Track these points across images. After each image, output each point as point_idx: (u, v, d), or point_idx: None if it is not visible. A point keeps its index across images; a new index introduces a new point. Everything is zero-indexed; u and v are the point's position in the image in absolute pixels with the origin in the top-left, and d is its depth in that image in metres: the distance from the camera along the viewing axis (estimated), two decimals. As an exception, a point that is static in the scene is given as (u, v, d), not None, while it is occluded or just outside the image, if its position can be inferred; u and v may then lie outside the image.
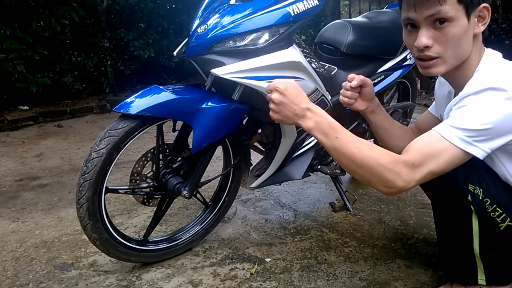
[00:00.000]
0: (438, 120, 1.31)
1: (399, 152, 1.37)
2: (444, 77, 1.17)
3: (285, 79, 1.09)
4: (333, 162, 1.84)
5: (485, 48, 1.07)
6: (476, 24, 0.99)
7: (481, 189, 1.06)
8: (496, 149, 0.97)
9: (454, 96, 1.15)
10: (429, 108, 1.38)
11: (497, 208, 1.05)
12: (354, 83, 1.25)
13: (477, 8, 0.97)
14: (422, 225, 1.75)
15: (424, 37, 0.99)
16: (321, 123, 1.02)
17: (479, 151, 0.94)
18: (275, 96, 1.05)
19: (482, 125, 0.92)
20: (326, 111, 1.59)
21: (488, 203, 1.05)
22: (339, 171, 1.82)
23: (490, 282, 1.16)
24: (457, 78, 1.08)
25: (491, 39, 4.12)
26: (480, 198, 1.05)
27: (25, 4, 3.85)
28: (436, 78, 1.30)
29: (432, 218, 1.77)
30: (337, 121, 1.84)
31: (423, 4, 0.97)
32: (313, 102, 1.50)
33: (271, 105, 1.07)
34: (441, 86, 1.26)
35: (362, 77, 1.26)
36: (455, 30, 0.97)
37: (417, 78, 2.46)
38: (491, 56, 1.05)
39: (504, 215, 1.05)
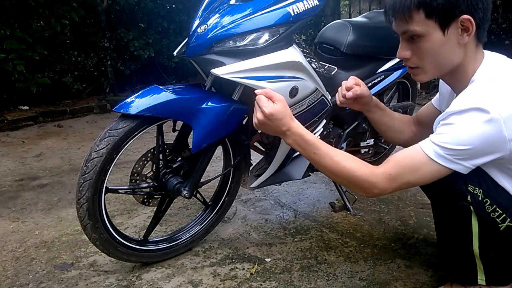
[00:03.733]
0: (440, 113, 1.31)
1: (400, 144, 1.40)
2: (443, 80, 1.18)
3: (274, 94, 1.11)
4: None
5: (484, 53, 1.07)
6: (459, 34, 1.00)
7: (480, 190, 1.05)
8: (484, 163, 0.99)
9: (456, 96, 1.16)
10: (432, 100, 1.38)
11: (497, 209, 1.05)
12: (349, 94, 1.30)
13: (456, 19, 0.98)
14: (422, 225, 1.75)
15: (402, 50, 1.07)
16: (299, 141, 1.10)
17: (461, 167, 0.98)
18: (259, 116, 1.10)
19: (461, 146, 0.95)
20: (326, 111, 1.62)
21: (488, 203, 1.05)
22: (339, 171, 1.82)
23: (490, 282, 1.16)
24: (454, 83, 1.10)
25: (491, 39, 4.12)
26: (480, 198, 1.05)
27: (25, 4, 3.85)
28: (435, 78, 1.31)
29: (432, 218, 1.76)
30: (337, 121, 1.86)
31: (395, 22, 1.05)
32: (313, 102, 1.53)
33: (254, 119, 1.12)
34: (444, 85, 1.26)
35: (358, 91, 1.30)
36: (428, 45, 1.02)
37: (417, 78, 2.46)
38: (490, 63, 1.05)
39: (504, 215, 1.05)
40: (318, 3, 1.42)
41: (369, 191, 1.06)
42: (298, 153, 1.65)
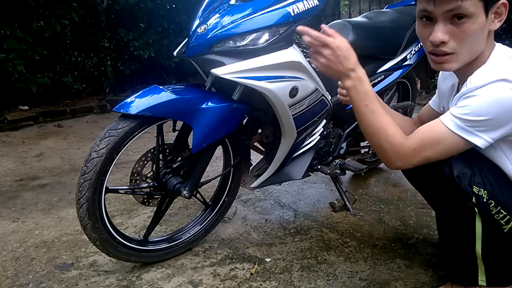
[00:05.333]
0: (438, 114, 1.31)
1: None
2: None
3: (337, 35, 1.05)
4: (333, 162, 1.84)
5: (495, 43, 1.07)
6: (492, 20, 0.99)
7: (485, 191, 1.05)
8: (500, 140, 0.99)
9: (458, 87, 1.16)
10: (429, 102, 1.38)
11: (502, 210, 1.04)
12: None
13: (496, 4, 0.97)
14: (422, 225, 1.75)
15: (440, 32, 0.98)
16: (359, 86, 1.05)
17: (481, 140, 0.97)
18: (326, 52, 1.03)
19: (484, 116, 0.94)
20: (326, 111, 1.62)
21: (493, 205, 1.05)
22: (339, 171, 1.82)
23: (490, 283, 1.16)
24: (466, 72, 1.08)
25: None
26: (485, 200, 1.05)
27: (25, 4, 3.85)
28: (436, 77, 1.30)
29: (432, 218, 1.77)
30: (337, 121, 1.85)
31: None
32: (313, 102, 1.53)
33: (319, 57, 1.06)
34: (445, 79, 1.26)
35: None
36: (473, 27, 0.96)
37: (417, 78, 2.46)
38: (503, 48, 1.06)
39: (508, 217, 1.05)
40: (318, 3, 1.42)
41: (391, 162, 1.06)
42: (298, 153, 1.65)
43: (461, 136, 0.97)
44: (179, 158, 1.49)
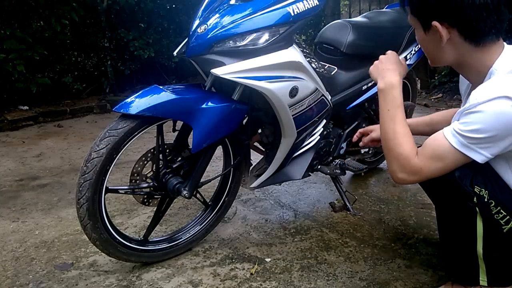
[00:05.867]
0: None
1: None
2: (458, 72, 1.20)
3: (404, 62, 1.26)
4: (333, 162, 1.84)
5: (505, 45, 1.06)
6: (441, 37, 1.04)
7: (486, 191, 1.05)
8: (506, 155, 1.01)
9: (470, 90, 1.16)
10: None
11: (501, 210, 1.05)
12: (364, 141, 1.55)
13: (432, 24, 1.03)
14: (422, 225, 1.75)
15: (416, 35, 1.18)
16: (389, 89, 1.17)
17: (481, 156, 1.00)
18: (382, 56, 1.26)
19: (486, 133, 0.96)
20: (326, 111, 1.62)
21: (493, 205, 1.05)
22: (339, 171, 1.82)
23: (491, 283, 1.16)
24: (469, 76, 1.14)
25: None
26: (486, 200, 1.05)
27: (25, 4, 3.85)
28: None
29: (432, 218, 1.77)
30: (337, 121, 1.85)
31: None
32: (313, 102, 1.53)
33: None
34: (462, 79, 1.27)
35: (365, 140, 1.53)
36: (417, 37, 1.14)
37: (417, 78, 2.46)
38: (507, 58, 1.04)
39: (508, 217, 1.05)
40: (318, 3, 1.42)
41: (394, 174, 1.11)
42: (298, 153, 1.66)
43: (462, 152, 1.00)
44: (179, 158, 1.49)
